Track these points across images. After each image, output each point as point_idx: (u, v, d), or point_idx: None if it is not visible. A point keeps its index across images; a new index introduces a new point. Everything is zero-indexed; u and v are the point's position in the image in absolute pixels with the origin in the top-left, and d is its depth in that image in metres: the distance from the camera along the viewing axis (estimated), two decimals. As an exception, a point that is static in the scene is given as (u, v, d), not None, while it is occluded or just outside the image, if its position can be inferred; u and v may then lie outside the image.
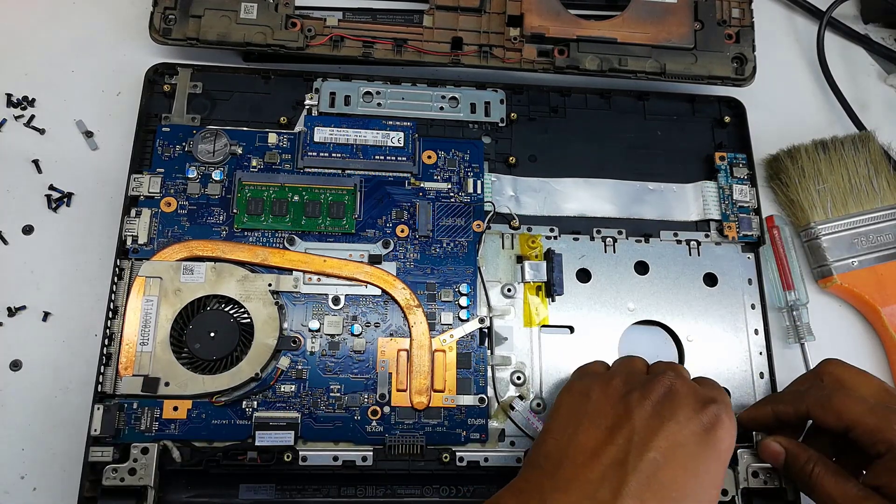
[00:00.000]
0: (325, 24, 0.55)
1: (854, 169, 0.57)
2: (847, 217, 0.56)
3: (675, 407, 0.38)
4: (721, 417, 0.38)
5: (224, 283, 0.48)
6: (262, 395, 0.47)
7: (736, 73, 0.57)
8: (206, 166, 0.51)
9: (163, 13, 0.54)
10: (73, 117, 0.55)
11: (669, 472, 0.35)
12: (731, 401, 0.51)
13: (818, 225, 0.56)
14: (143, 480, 0.44)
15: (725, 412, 0.38)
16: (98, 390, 0.46)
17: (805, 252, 0.58)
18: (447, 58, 0.55)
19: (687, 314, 0.53)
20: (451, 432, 0.48)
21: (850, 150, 0.58)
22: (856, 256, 0.56)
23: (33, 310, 0.51)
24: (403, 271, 0.51)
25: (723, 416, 0.38)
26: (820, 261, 0.56)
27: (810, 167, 0.57)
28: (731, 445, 0.38)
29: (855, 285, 0.55)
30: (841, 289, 0.56)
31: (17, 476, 0.47)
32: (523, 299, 0.52)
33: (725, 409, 0.39)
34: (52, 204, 0.53)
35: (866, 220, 0.56)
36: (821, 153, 0.58)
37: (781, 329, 0.56)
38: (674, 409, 0.38)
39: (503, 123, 0.56)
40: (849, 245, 0.56)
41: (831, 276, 0.55)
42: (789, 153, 0.58)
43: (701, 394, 0.40)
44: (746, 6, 0.59)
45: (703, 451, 0.36)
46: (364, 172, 0.53)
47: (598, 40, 0.56)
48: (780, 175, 0.58)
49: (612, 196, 0.56)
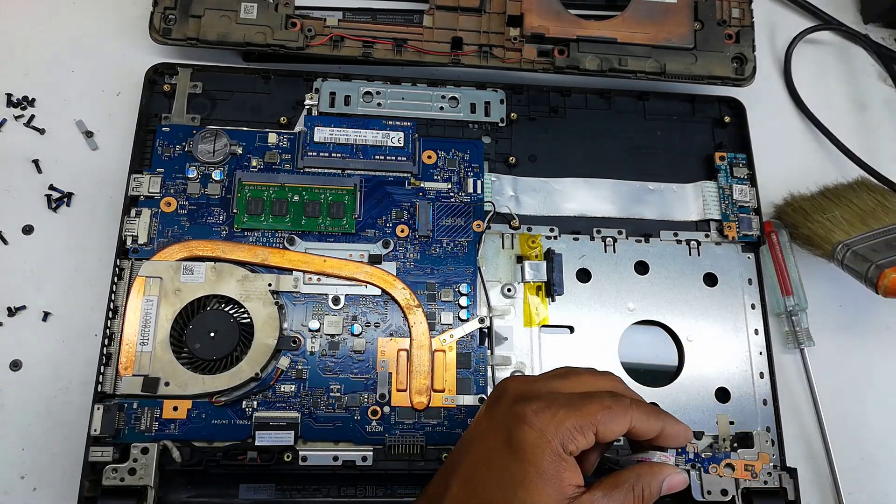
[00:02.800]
0: (325, 24, 0.55)
1: (859, 200, 0.55)
2: (871, 231, 0.53)
3: (494, 410, 0.36)
4: (524, 416, 0.34)
5: (224, 283, 0.48)
6: (262, 395, 0.47)
7: (736, 73, 0.57)
8: (206, 166, 0.51)
9: (163, 13, 0.54)
10: (73, 117, 0.55)
11: (482, 476, 0.34)
12: (732, 400, 0.51)
13: (845, 242, 0.53)
14: (143, 480, 0.44)
15: (537, 410, 0.34)
16: (98, 390, 0.46)
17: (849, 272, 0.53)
18: (447, 58, 0.55)
19: (687, 314, 0.53)
20: (451, 432, 0.48)
21: (847, 191, 0.56)
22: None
23: (33, 310, 0.51)
24: (403, 271, 0.51)
25: (528, 415, 0.34)
26: (864, 265, 0.51)
27: (809, 205, 0.56)
28: (539, 442, 0.33)
29: None
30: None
31: (17, 476, 0.47)
32: (523, 299, 0.52)
33: (540, 407, 0.34)
34: (52, 204, 0.53)
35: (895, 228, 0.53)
36: (817, 197, 0.57)
37: (781, 335, 0.56)
38: (492, 412, 0.36)
39: (503, 123, 0.56)
40: (887, 247, 0.52)
41: (883, 272, 0.50)
42: (785, 203, 0.58)
43: (523, 392, 0.36)
44: (746, 6, 0.59)
45: (507, 452, 0.34)
46: (364, 172, 0.53)
47: (598, 40, 0.56)
48: (785, 220, 0.57)
49: (612, 196, 0.56)
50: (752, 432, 0.49)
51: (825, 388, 0.54)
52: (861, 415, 0.55)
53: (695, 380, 0.52)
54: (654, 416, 0.35)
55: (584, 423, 0.33)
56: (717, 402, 0.51)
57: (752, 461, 0.48)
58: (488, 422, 0.36)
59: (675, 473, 0.36)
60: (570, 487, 0.33)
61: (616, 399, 0.35)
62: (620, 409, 0.34)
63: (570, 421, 0.33)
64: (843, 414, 0.54)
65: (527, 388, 0.36)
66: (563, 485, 0.33)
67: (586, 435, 0.33)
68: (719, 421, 0.50)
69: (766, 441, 0.49)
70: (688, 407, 0.51)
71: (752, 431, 0.49)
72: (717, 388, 0.52)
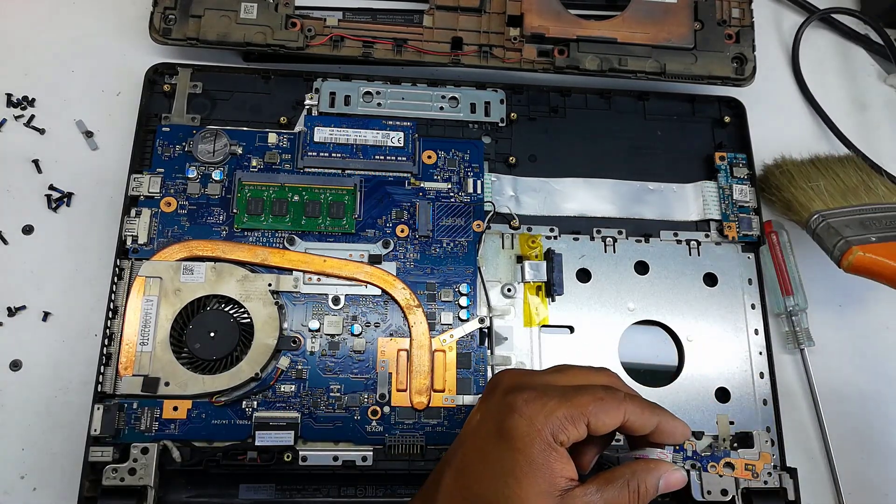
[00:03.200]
0: (325, 24, 0.55)
1: (845, 174, 0.56)
2: (849, 207, 0.53)
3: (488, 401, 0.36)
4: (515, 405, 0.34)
5: (224, 283, 0.48)
6: (262, 395, 0.47)
7: (736, 73, 0.57)
8: (206, 166, 0.51)
9: (163, 13, 0.54)
10: (73, 117, 0.55)
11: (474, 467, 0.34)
12: (732, 400, 0.51)
13: (822, 212, 0.53)
14: (143, 480, 0.44)
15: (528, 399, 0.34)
16: (98, 390, 0.46)
17: (818, 241, 0.53)
18: (447, 58, 0.55)
19: (687, 314, 0.53)
20: (451, 432, 0.48)
21: (836, 163, 0.57)
22: (872, 233, 0.51)
23: (33, 310, 0.51)
24: (403, 271, 0.51)
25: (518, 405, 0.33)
26: (834, 239, 0.51)
27: (797, 170, 0.56)
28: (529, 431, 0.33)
29: (879, 254, 0.51)
30: (863, 261, 0.51)
31: (17, 476, 0.47)
32: (523, 299, 0.52)
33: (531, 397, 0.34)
34: (52, 204, 0.53)
35: (873, 208, 0.53)
36: (806, 164, 0.57)
37: (781, 335, 0.56)
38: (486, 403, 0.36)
39: (503, 123, 0.56)
40: (861, 225, 0.52)
41: (850, 248, 0.51)
42: (775, 163, 0.58)
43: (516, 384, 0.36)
44: (746, 6, 0.59)
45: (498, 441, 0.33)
46: (364, 172, 0.53)
47: (598, 40, 0.56)
48: (771, 181, 0.57)
49: (612, 196, 0.56)
50: (752, 432, 0.49)
51: (825, 388, 0.54)
52: (861, 415, 0.55)
53: (695, 380, 0.52)
54: (649, 410, 0.35)
55: (575, 413, 0.33)
56: (716, 401, 0.51)
57: (752, 461, 0.48)
58: (482, 413, 0.36)
59: (672, 471, 0.35)
60: (562, 479, 0.33)
61: (609, 392, 0.34)
62: (614, 402, 0.34)
63: (560, 411, 0.33)
64: (843, 414, 0.54)
65: (520, 380, 0.36)
66: (555, 476, 0.33)
67: (577, 426, 0.33)
68: (719, 421, 0.50)
69: (766, 441, 0.49)
70: (688, 407, 0.51)
71: (752, 431, 0.49)
72: (717, 388, 0.52)
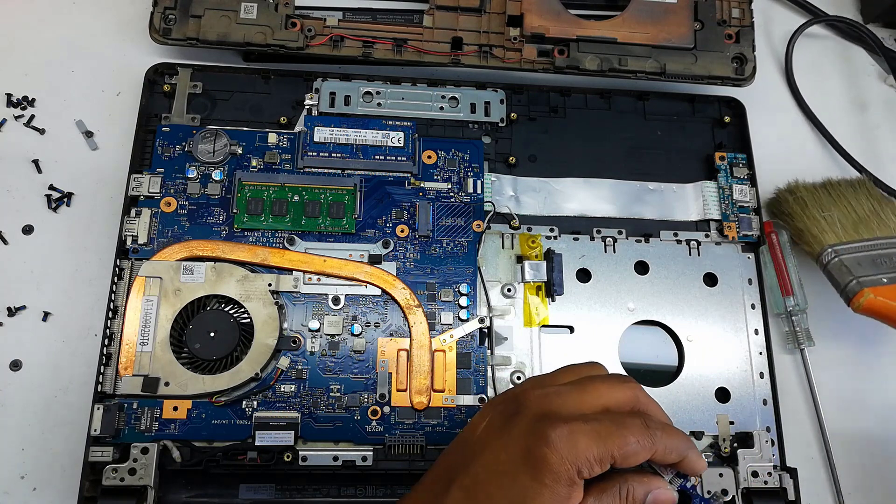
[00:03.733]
0: (325, 24, 0.55)
1: (857, 203, 0.55)
2: (861, 241, 0.53)
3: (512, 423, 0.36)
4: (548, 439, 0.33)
5: (224, 283, 0.48)
6: (262, 395, 0.47)
7: (736, 73, 0.57)
8: (206, 166, 0.51)
9: (163, 13, 0.54)
10: (73, 117, 0.55)
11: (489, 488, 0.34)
12: (732, 400, 0.51)
13: (834, 247, 0.53)
14: (143, 480, 0.44)
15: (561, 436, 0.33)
16: (98, 390, 0.46)
17: (829, 278, 0.53)
18: (447, 58, 0.55)
19: (687, 314, 0.53)
20: (451, 432, 0.48)
21: (848, 190, 0.56)
22: (883, 274, 0.51)
23: (33, 310, 0.51)
24: (403, 271, 0.51)
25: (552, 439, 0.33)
26: (846, 278, 0.52)
27: (810, 197, 0.56)
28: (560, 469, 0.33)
29: (889, 297, 0.51)
30: (874, 304, 0.51)
31: (17, 476, 0.47)
32: (523, 299, 0.52)
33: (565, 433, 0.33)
34: (52, 204, 0.53)
35: (885, 243, 0.53)
36: (819, 190, 0.56)
37: (781, 335, 0.56)
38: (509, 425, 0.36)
39: (503, 123, 0.56)
40: (872, 263, 0.52)
41: (862, 290, 0.51)
42: (788, 188, 0.57)
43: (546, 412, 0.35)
44: (746, 6, 0.59)
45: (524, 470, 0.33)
46: (364, 172, 0.53)
47: (598, 40, 0.56)
48: (784, 209, 0.57)
49: (612, 196, 0.56)
50: (752, 432, 0.49)
51: (825, 388, 0.54)
52: (861, 415, 0.55)
53: (695, 380, 0.52)
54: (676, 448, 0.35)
55: (605, 455, 0.33)
56: (717, 402, 0.51)
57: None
58: (505, 434, 0.35)
59: (664, 489, 0.35)
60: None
61: (643, 432, 0.34)
62: (647, 443, 0.34)
63: (592, 452, 0.33)
64: (843, 414, 0.54)
65: (549, 407, 0.35)
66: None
67: (604, 465, 0.33)
68: (719, 421, 0.50)
69: (766, 441, 0.49)
70: (688, 407, 0.51)
71: (752, 431, 0.49)
72: (717, 388, 0.52)
